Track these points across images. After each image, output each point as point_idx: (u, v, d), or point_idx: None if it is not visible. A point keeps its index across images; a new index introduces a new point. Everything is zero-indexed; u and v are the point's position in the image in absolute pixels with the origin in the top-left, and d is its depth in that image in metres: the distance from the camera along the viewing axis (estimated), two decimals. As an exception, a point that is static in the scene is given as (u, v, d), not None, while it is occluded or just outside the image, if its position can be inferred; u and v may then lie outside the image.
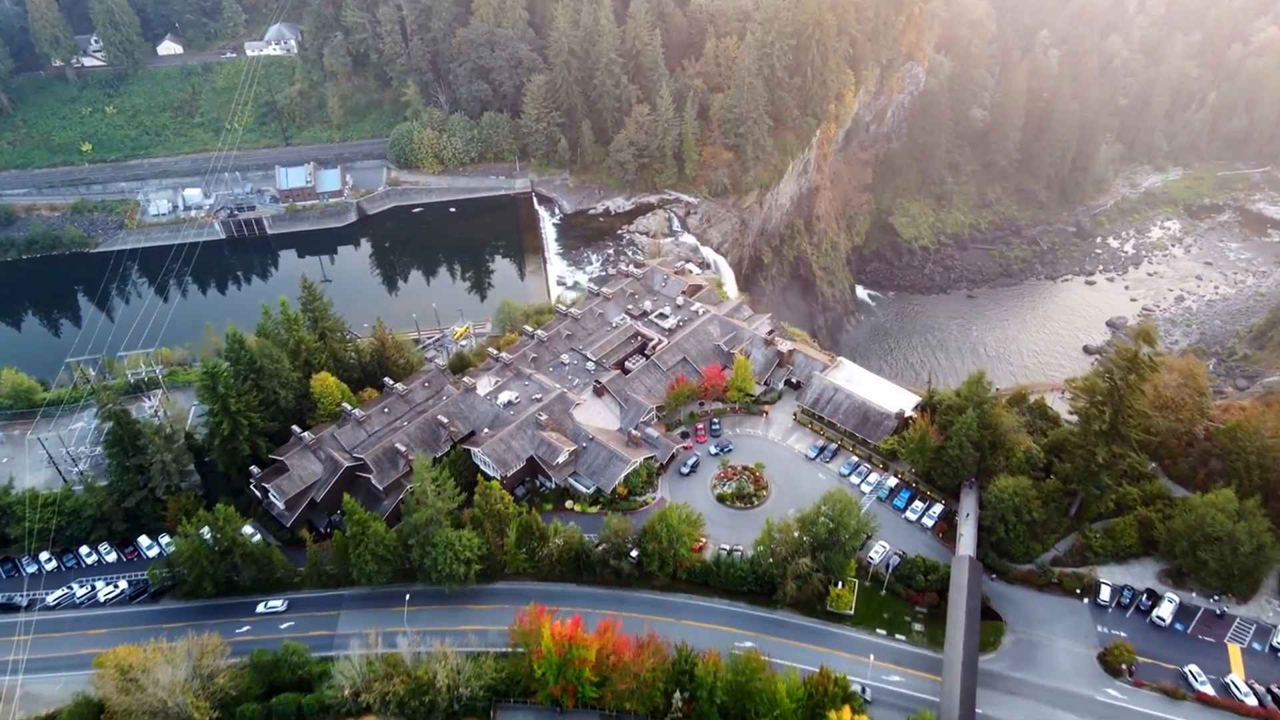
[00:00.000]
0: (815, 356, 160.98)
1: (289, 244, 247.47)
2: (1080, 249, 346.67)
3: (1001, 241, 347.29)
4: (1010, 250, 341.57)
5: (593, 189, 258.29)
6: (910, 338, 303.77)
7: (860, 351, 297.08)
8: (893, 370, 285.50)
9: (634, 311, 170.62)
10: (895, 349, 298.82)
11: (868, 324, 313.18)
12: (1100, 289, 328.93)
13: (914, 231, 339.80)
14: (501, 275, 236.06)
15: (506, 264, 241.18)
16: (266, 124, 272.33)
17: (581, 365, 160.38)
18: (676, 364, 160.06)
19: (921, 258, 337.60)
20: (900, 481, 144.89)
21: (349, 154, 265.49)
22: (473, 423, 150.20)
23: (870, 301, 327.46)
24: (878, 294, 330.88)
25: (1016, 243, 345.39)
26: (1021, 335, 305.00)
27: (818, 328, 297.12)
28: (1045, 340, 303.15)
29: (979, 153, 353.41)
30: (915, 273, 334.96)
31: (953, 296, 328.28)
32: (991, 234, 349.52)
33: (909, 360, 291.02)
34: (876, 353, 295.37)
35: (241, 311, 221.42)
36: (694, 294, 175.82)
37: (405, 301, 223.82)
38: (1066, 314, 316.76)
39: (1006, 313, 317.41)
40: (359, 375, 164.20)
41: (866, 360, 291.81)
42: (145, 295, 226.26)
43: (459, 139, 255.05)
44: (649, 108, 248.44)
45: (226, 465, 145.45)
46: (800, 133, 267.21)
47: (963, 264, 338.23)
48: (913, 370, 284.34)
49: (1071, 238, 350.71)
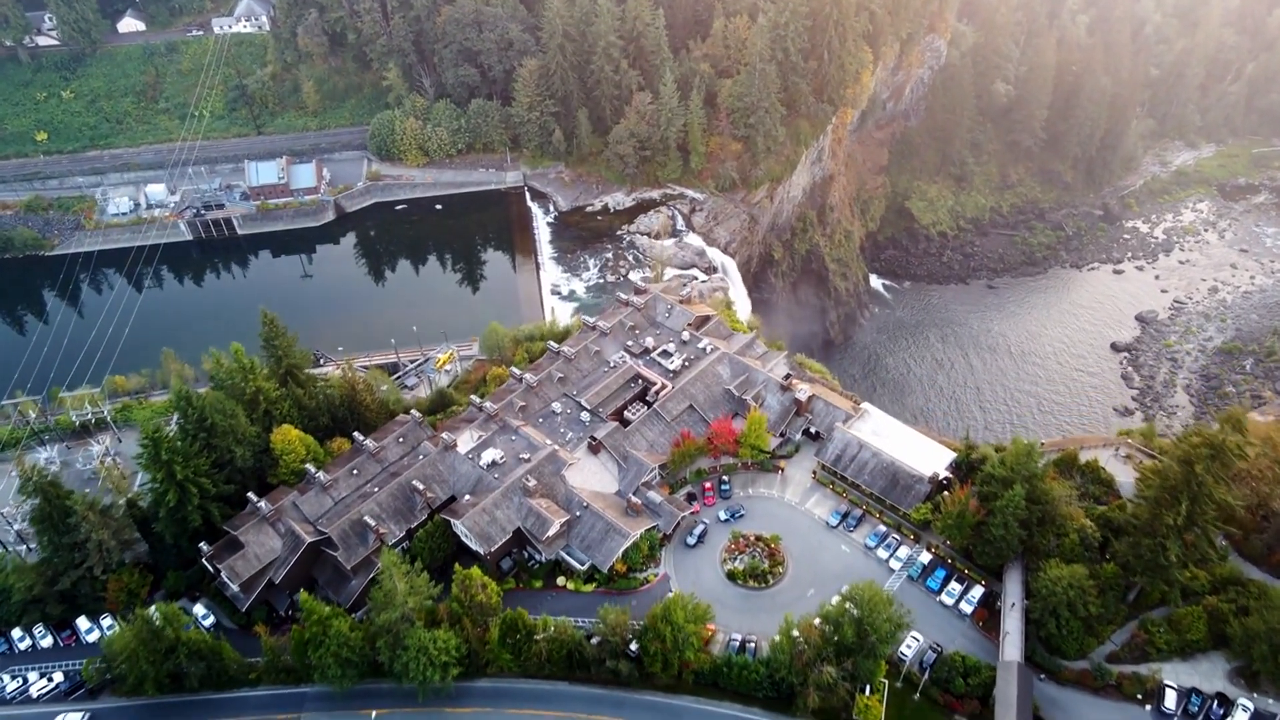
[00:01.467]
0: (837, 404, 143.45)
1: (261, 245, 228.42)
2: (1107, 234, 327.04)
3: (1024, 226, 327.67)
4: (1033, 236, 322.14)
5: (590, 183, 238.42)
6: (927, 333, 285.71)
7: (874, 349, 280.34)
8: (909, 371, 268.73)
9: (634, 349, 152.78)
10: (911, 346, 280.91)
11: (882, 318, 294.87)
12: (1129, 278, 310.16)
13: (932, 216, 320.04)
14: (491, 283, 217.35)
15: (496, 269, 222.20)
16: (236, 110, 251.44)
17: (575, 415, 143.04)
18: (682, 413, 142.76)
19: (939, 244, 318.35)
20: (934, 557, 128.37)
21: (326, 144, 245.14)
22: (452, 486, 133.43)
23: (885, 292, 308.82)
24: (893, 284, 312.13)
25: (1040, 227, 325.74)
26: (1045, 330, 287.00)
27: (830, 323, 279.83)
28: (1071, 336, 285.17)
29: (1001, 130, 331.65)
30: (933, 261, 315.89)
31: (972, 287, 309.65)
32: (1014, 218, 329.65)
33: (925, 360, 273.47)
34: (891, 350, 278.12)
35: (209, 323, 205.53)
36: (701, 326, 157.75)
37: (385, 313, 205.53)
38: (1093, 307, 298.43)
39: (1029, 305, 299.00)
40: (327, 422, 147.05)
41: (880, 361, 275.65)
42: (103, 305, 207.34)
43: (445, 129, 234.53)
44: (651, 95, 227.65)
45: (175, 536, 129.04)
46: (815, 120, 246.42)
47: (983, 251, 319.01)
48: (930, 370, 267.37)
49: (1098, 222, 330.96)
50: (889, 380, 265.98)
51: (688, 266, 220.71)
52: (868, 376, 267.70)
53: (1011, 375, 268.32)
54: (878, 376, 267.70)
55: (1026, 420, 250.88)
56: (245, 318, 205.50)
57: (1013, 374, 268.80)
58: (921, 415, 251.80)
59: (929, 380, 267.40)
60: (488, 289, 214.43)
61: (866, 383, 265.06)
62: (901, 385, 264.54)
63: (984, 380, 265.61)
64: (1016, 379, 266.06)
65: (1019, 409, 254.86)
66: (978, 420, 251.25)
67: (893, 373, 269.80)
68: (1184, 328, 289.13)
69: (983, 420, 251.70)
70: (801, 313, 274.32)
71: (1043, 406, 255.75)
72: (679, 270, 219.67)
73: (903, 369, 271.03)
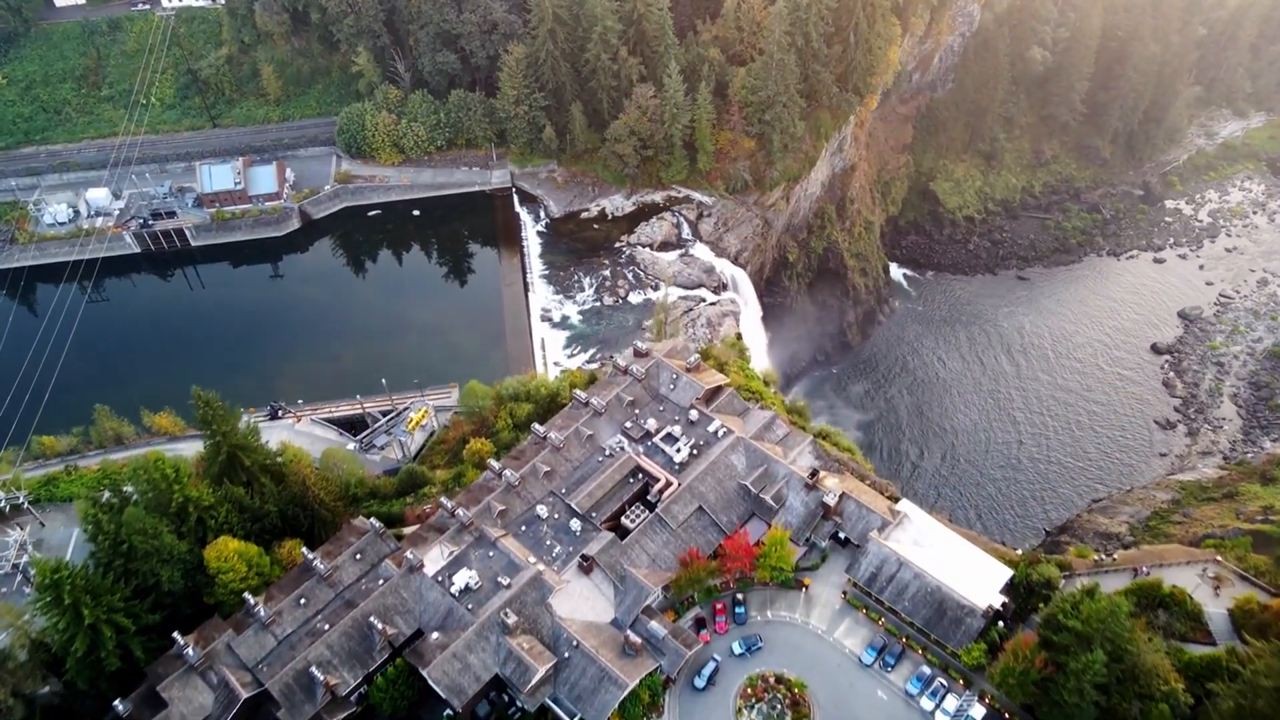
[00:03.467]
0: (872, 505, 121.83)
1: (218, 256, 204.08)
2: (1148, 217, 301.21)
3: (1058, 208, 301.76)
4: (1068, 219, 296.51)
5: (585, 184, 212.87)
6: (953, 332, 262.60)
7: (895, 351, 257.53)
8: (935, 377, 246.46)
9: (633, 432, 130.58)
10: (935, 347, 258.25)
11: (903, 314, 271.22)
12: (1170, 268, 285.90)
13: (958, 199, 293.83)
14: (473, 307, 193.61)
15: (479, 290, 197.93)
16: (189, 98, 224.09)
17: (564, 521, 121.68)
18: (690, 517, 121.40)
19: (966, 230, 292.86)
20: (990, 710, 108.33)
21: (290, 139, 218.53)
22: (418, 617, 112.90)
23: (906, 284, 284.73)
24: (915, 274, 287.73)
25: (1075, 210, 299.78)
26: (1080, 330, 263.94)
27: (848, 324, 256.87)
28: (1109, 337, 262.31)
29: (1036, 102, 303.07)
30: (958, 248, 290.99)
31: (1001, 278, 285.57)
32: (1046, 199, 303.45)
33: (951, 364, 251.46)
34: (914, 351, 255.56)
35: (157, 356, 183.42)
36: (712, 399, 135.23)
37: (354, 346, 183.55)
38: (1132, 301, 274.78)
39: (1063, 299, 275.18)
40: (276, 521, 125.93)
41: (903, 364, 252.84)
42: (34, 335, 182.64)
43: (422, 125, 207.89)
44: (653, 88, 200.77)
45: (89, 683, 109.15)
46: (838, 111, 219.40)
47: (1013, 237, 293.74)
48: (956, 376, 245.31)
49: (1138, 203, 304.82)
50: (913, 386, 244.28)
51: (694, 286, 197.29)
52: (889, 383, 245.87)
53: (1045, 383, 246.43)
54: (900, 383, 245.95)
55: (1064, 439, 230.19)
56: (197, 348, 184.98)
57: (1046, 381, 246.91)
58: (950, 429, 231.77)
59: (955, 386, 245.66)
60: (470, 315, 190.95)
61: (889, 391, 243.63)
62: (926, 392, 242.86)
63: (1015, 388, 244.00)
64: (1050, 388, 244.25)
65: (1055, 420, 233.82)
66: (1010, 436, 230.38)
67: (917, 377, 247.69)
68: (1231, 326, 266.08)
69: (1015, 436, 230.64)
70: (817, 315, 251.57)
71: (1079, 423, 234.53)
72: (684, 290, 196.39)
73: (928, 374, 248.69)
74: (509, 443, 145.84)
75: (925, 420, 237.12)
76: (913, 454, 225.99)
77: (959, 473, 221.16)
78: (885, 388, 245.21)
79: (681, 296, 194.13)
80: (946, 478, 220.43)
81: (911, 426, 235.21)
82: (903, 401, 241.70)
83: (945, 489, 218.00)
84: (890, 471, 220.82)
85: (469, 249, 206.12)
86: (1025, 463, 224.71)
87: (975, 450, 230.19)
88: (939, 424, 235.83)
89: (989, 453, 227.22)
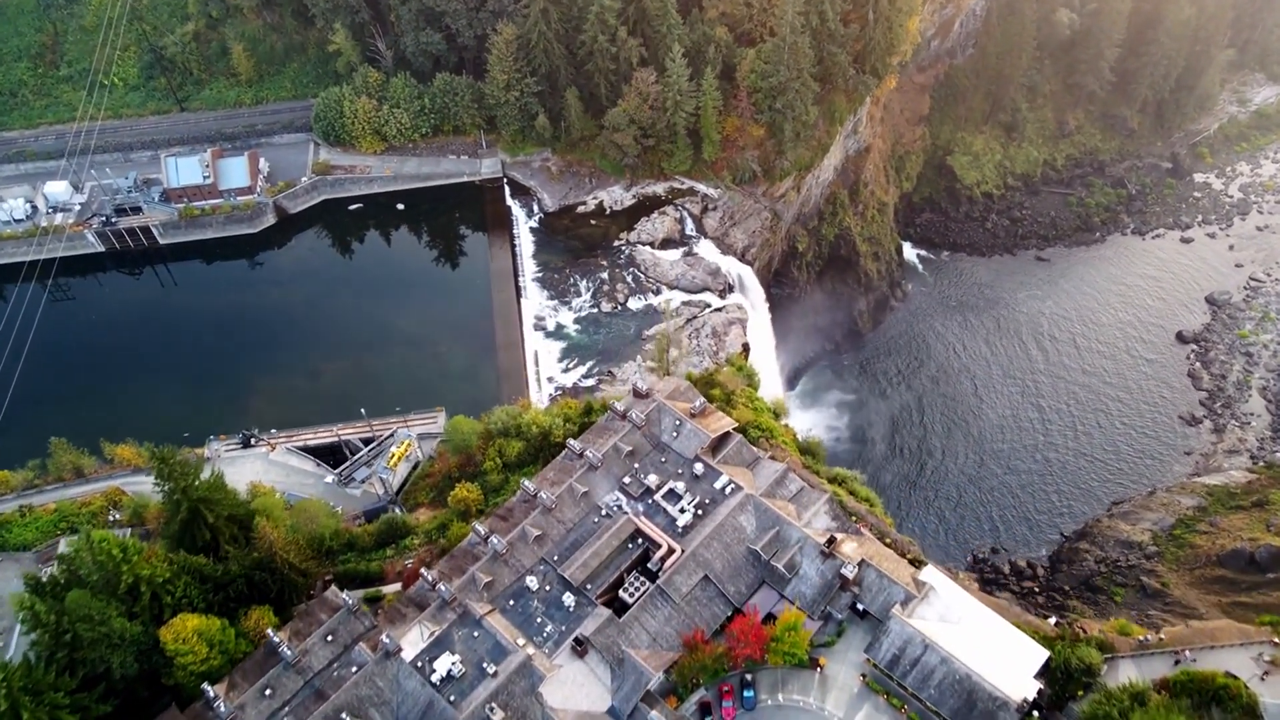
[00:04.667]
0: (895, 577, 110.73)
1: (188, 254, 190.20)
2: (1176, 192, 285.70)
3: (1080, 183, 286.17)
4: (1091, 195, 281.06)
5: (582, 175, 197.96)
6: (968, 318, 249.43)
7: (910, 337, 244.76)
8: (952, 363, 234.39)
9: (632, 488, 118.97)
10: (951, 332, 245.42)
11: (916, 299, 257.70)
12: (1198, 248, 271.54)
13: (976, 174, 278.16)
14: (462, 314, 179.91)
15: (468, 294, 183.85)
16: (154, 79, 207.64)
17: (556, 594, 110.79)
18: (694, 588, 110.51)
19: (984, 207, 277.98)
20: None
21: (264, 124, 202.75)
22: (395, 710, 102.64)
23: (920, 265, 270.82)
24: (929, 254, 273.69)
25: (1099, 184, 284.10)
26: (1104, 314, 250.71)
27: (859, 313, 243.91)
28: (1132, 322, 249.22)
29: (1062, 69, 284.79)
30: (975, 227, 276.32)
31: (1019, 258, 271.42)
32: (1069, 173, 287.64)
33: (968, 350, 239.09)
34: (930, 337, 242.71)
35: (125, 367, 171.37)
36: (719, 447, 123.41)
37: (332, 361, 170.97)
38: (1158, 284, 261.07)
39: (1085, 281, 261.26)
40: (242, 589, 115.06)
41: (918, 351, 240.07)
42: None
43: (405, 111, 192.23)
44: (655, 73, 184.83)
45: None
46: (854, 94, 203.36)
47: (1033, 214, 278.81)
48: (974, 362, 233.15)
49: (1165, 176, 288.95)
50: (928, 376, 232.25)
51: (698, 290, 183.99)
52: (902, 373, 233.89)
53: (1066, 373, 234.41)
54: (914, 372, 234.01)
55: (1086, 434, 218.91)
56: (166, 359, 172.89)
57: (1067, 372, 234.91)
58: (967, 422, 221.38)
59: (972, 376, 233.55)
60: (458, 324, 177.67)
61: (902, 381, 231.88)
62: (943, 383, 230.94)
63: (1034, 378, 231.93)
64: (1071, 378, 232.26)
65: (1078, 413, 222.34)
66: (1032, 430, 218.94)
67: (931, 367, 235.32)
68: (1261, 313, 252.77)
69: (1039, 430, 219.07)
70: (827, 303, 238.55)
71: (1102, 417, 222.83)
72: (688, 295, 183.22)
73: (943, 363, 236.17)
74: (497, 485, 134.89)
75: (941, 413, 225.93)
76: (933, 449, 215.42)
77: (982, 472, 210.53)
78: (897, 378, 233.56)
79: (685, 302, 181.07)
80: (970, 476, 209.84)
81: (925, 420, 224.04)
82: (917, 392, 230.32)
83: (968, 488, 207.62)
84: (901, 473, 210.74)
85: (457, 247, 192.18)
86: (1046, 459, 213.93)
87: (995, 445, 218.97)
88: (956, 417, 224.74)
89: (1010, 448, 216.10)
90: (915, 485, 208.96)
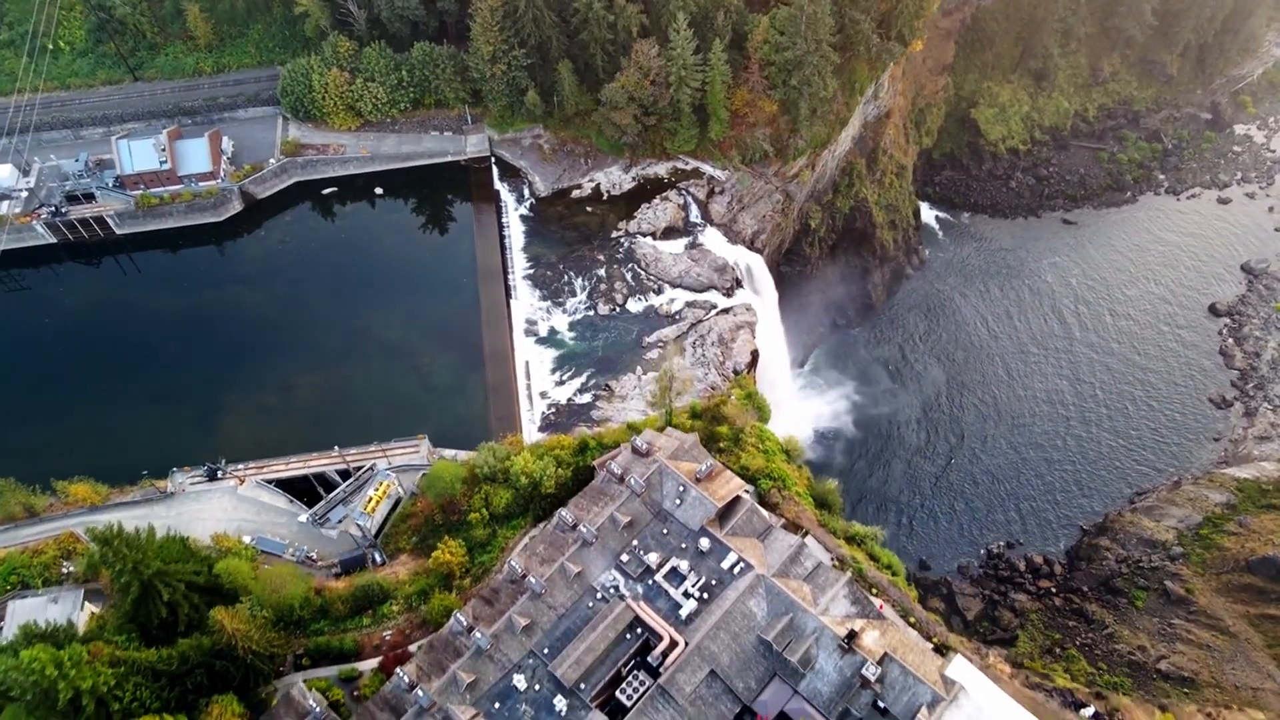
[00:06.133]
0: (921, 674, 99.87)
1: (149, 244, 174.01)
2: (1214, 146, 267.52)
3: (1113, 136, 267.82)
4: (1124, 150, 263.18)
5: (577, 154, 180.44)
6: (988, 286, 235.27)
7: (921, 311, 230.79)
8: (967, 340, 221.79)
9: (631, 567, 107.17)
10: (967, 304, 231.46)
11: (933, 265, 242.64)
12: (1236, 209, 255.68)
13: (1002, 130, 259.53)
14: (446, 318, 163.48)
15: (453, 295, 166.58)
16: (103, 42, 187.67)
17: (546, 696, 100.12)
18: (699, 685, 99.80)
19: (1008, 165, 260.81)
20: None
21: (226, 96, 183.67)
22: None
23: (937, 228, 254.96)
24: (948, 216, 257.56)
25: (1132, 138, 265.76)
26: (1133, 285, 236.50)
27: (873, 285, 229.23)
28: (1163, 294, 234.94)
29: (1098, 11, 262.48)
30: (998, 186, 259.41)
31: (1045, 221, 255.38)
32: (1101, 125, 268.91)
33: (985, 323, 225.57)
34: (942, 311, 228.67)
35: (79, 378, 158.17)
36: (726, 514, 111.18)
37: (305, 374, 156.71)
38: (1192, 250, 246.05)
39: (1114, 247, 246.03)
40: (202, 680, 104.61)
41: (934, 323, 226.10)
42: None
43: (381, 85, 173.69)
44: (657, 44, 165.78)
45: None
46: (877, 61, 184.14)
47: (1060, 170, 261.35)
48: (995, 342, 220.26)
49: (1204, 128, 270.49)
50: (944, 350, 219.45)
51: (704, 288, 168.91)
52: (916, 347, 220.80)
53: (1091, 348, 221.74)
54: (929, 346, 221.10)
55: (1112, 415, 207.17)
56: (123, 370, 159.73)
57: (1091, 347, 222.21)
58: (987, 393, 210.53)
59: (991, 351, 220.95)
60: (443, 328, 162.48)
61: (916, 356, 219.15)
62: (960, 358, 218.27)
63: (1057, 354, 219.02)
64: (1097, 353, 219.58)
65: (1104, 392, 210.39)
66: (1059, 404, 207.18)
67: (947, 340, 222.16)
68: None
69: (1068, 407, 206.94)
70: (839, 276, 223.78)
71: (1130, 397, 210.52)
72: (693, 294, 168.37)
73: (960, 336, 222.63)
74: (484, 540, 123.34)
75: (955, 389, 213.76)
76: (944, 427, 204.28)
77: (992, 450, 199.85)
78: (910, 351, 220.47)
79: (688, 303, 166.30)
80: (980, 455, 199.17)
81: (938, 397, 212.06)
82: (929, 367, 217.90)
83: (982, 470, 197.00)
84: (910, 455, 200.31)
85: (440, 239, 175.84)
86: (1067, 442, 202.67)
87: (1012, 422, 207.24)
88: (971, 392, 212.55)
89: (1029, 426, 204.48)
90: (927, 468, 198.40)
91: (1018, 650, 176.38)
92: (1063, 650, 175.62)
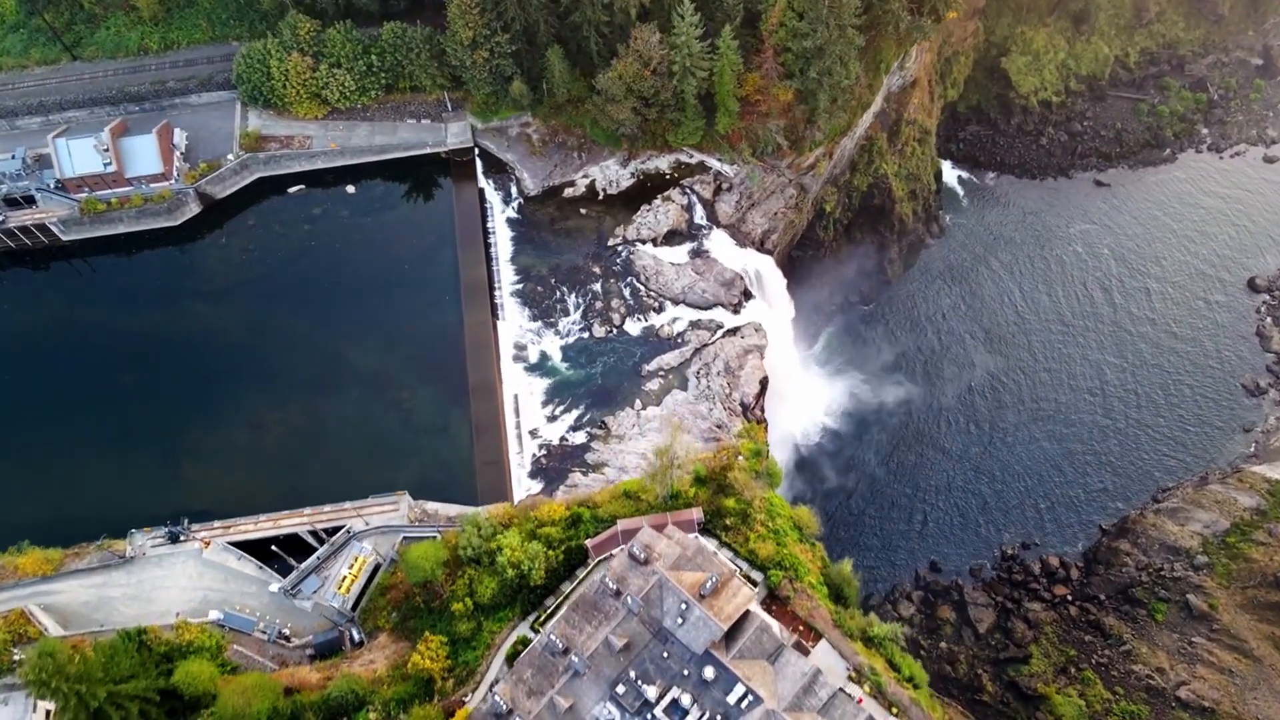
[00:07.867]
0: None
1: (99, 250, 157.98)
2: (1263, 96, 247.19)
3: (1154, 85, 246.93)
4: (1165, 101, 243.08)
5: (569, 147, 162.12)
6: (1011, 258, 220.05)
7: (938, 286, 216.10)
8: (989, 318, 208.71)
9: (628, 700, 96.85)
10: (987, 277, 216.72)
11: (955, 233, 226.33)
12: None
13: (1035, 80, 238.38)
14: (426, 343, 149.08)
15: (432, 315, 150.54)
16: (35, 15, 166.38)
17: None
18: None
19: (1040, 119, 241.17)
20: None
21: (176, 79, 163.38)
22: None
23: (960, 189, 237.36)
24: (973, 177, 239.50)
25: (1175, 87, 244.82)
26: (1168, 256, 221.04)
27: (889, 260, 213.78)
28: (1199, 266, 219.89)
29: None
30: (1028, 143, 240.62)
31: (1076, 182, 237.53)
32: (1142, 72, 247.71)
33: (1006, 298, 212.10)
34: (959, 285, 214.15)
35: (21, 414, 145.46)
36: (734, 634, 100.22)
37: (272, 409, 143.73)
38: (1232, 215, 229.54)
39: (1148, 212, 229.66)
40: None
41: (950, 301, 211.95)
42: None
43: (349, 72, 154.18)
44: (659, 31, 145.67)
45: None
46: (906, 38, 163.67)
47: (1095, 124, 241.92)
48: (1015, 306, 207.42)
49: (1254, 75, 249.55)
50: (966, 324, 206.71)
51: (709, 305, 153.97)
52: (934, 323, 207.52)
53: (1119, 326, 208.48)
54: (947, 320, 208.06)
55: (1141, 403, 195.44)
56: (72, 406, 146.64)
57: (1116, 325, 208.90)
58: (1004, 373, 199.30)
59: (1015, 329, 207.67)
60: (422, 354, 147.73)
61: (935, 333, 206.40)
62: (979, 331, 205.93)
63: (1084, 334, 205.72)
64: (1125, 332, 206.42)
65: (1137, 380, 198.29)
66: (1083, 386, 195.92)
67: (969, 314, 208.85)
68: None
69: (1100, 400, 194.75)
70: (854, 255, 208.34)
71: (1160, 384, 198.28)
72: (697, 312, 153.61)
73: (981, 311, 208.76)
74: (468, 635, 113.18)
75: (973, 370, 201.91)
76: (958, 422, 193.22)
77: (1017, 449, 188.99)
78: (927, 333, 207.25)
79: (693, 323, 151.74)
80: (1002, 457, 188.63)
81: (955, 378, 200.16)
82: (946, 345, 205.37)
83: (998, 470, 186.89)
84: (922, 442, 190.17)
85: (420, 245, 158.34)
86: (1091, 431, 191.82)
87: (1023, 406, 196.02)
88: (990, 381, 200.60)
89: (1043, 408, 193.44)
90: (939, 460, 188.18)
91: (1031, 670, 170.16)
92: (1078, 670, 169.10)
